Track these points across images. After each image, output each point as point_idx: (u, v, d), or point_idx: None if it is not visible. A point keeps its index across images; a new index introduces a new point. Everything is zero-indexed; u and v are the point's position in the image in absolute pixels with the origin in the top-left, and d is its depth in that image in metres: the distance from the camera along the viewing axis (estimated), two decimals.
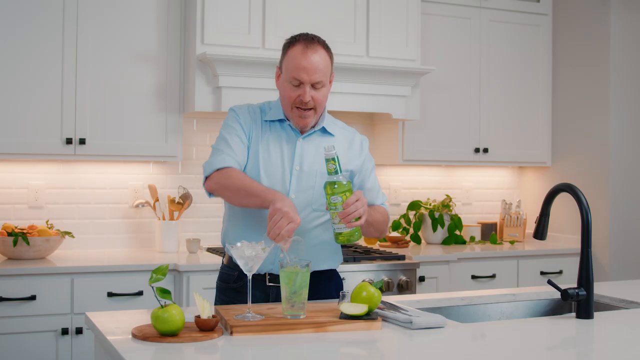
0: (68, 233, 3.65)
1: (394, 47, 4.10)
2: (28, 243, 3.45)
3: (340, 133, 2.56)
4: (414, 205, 4.58)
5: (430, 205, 4.60)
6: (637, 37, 4.45)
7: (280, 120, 2.50)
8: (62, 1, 3.63)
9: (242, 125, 2.48)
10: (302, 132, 2.49)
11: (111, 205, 4.02)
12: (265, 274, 2.47)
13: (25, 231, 3.49)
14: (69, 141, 3.62)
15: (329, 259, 2.55)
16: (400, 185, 4.69)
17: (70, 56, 3.64)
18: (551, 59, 4.78)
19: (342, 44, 3.97)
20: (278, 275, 2.35)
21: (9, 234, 3.47)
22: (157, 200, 3.95)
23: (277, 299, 2.44)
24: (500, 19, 4.63)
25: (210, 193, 2.45)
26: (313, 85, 2.39)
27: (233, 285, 2.53)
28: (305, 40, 2.40)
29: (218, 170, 2.39)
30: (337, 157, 2.23)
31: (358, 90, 4.01)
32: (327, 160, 2.23)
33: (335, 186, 2.22)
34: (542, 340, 2.05)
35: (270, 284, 2.45)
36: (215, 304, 2.57)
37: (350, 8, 4.00)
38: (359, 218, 2.23)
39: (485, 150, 4.56)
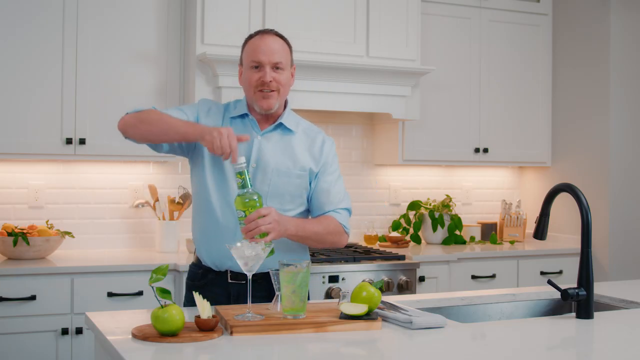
0: (68, 233, 3.65)
1: (394, 47, 4.10)
2: (28, 243, 3.45)
3: (302, 132, 2.55)
4: (414, 205, 4.58)
5: (430, 205, 4.60)
6: (637, 37, 4.45)
7: (242, 116, 2.52)
8: (62, 1, 3.63)
9: (199, 112, 2.50)
10: (263, 127, 2.49)
11: (111, 205, 4.02)
12: (226, 270, 2.48)
13: (25, 231, 3.49)
14: (69, 141, 3.62)
15: (294, 253, 2.48)
16: (400, 185, 4.69)
17: (70, 56, 3.65)
18: (551, 59, 4.78)
19: (342, 44, 3.97)
20: (240, 273, 2.42)
21: (9, 234, 3.47)
22: (157, 200, 3.95)
23: (238, 297, 2.45)
24: (500, 19, 4.63)
25: (124, 133, 2.47)
26: (273, 68, 2.44)
27: (197, 283, 2.53)
28: (261, 32, 2.51)
29: (141, 111, 2.44)
30: (246, 171, 2.23)
31: (358, 90, 4.01)
32: (235, 174, 2.24)
33: (246, 200, 2.22)
34: (542, 340, 2.05)
35: (231, 281, 2.47)
36: (184, 302, 2.58)
37: (350, 8, 4.00)
38: (266, 234, 2.23)
39: (485, 150, 4.56)
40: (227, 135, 2.23)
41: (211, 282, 2.50)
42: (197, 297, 1.98)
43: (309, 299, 2.38)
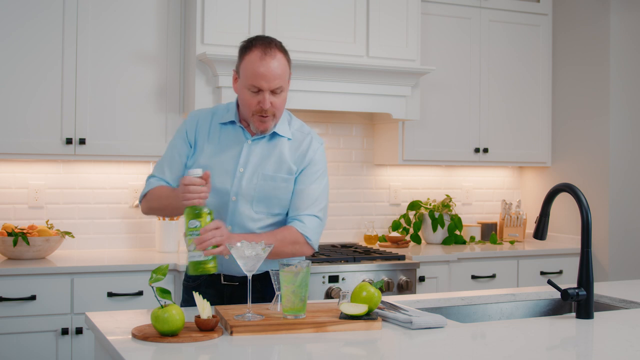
0: (68, 233, 3.65)
1: (394, 47, 4.10)
2: (28, 243, 3.45)
3: (292, 134, 2.53)
4: (414, 205, 4.58)
5: (430, 205, 4.60)
6: (637, 37, 4.45)
7: (232, 122, 2.51)
8: (62, 1, 3.63)
9: (187, 133, 2.54)
10: (252, 132, 2.49)
11: (111, 205, 4.02)
12: (219, 272, 2.49)
13: (25, 231, 3.49)
14: (69, 141, 3.62)
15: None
16: (400, 185, 4.69)
17: (70, 56, 3.65)
18: (551, 59, 4.78)
19: (342, 44, 3.97)
20: (233, 275, 2.46)
21: (9, 234, 3.47)
22: None
23: (231, 298, 2.46)
24: (500, 19, 4.63)
25: (147, 214, 2.63)
26: (272, 91, 2.39)
27: (192, 284, 2.55)
28: (262, 44, 2.39)
29: (145, 195, 2.54)
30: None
31: (358, 90, 4.01)
32: None
33: (196, 211, 2.21)
34: (542, 340, 2.05)
35: (225, 282, 2.48)
36: (181, 303, 2.60)
37: (350, 8, 4.00)
38: (217, 246, 2.23)
39: (485, 150, 4.56)
40: (186, 184, 2.25)
41: (205, 283, 2.52)
42: (197, 297, 1.98)
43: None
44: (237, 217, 2.46)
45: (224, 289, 2.50)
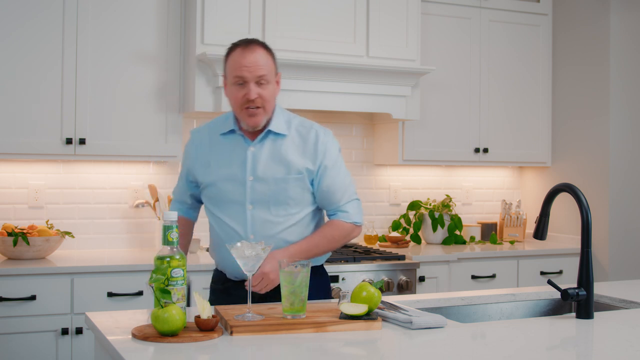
0: (68, 233, 3.65)
1: (394, 47, 4.10)
2: (28, 243, 3.44)
3: (294, 132, 2.51)
4: (414, 205, 4.58)
5: (430, 205, 4.60)
6: (637, 37, 4.45)
7: (231, 131, 2.52)
8: (62, 1, 3.63)
9: (188, 156, 2.61)
10: (253, 137, 2.49)
11: (111, 205, 4.02)
12: (242, 280, 2.50)
13: (25, 231, 3.49)
14: (69, 141, 3.62)
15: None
16: (400, 185, 4.69)
17: (70, 56, 3.65)
18: (551, 59, 4.78)
19: (342, 44, 3.97)
20: None
21: (9, 234, 3.47)
22: (157, 200, 3.95)
23: (259, 300, 2.45)
24: (500, 19, 4.63)
25: None
26: (257, 82, 2.40)
27: (221, 287, 2.57)
28: (243, 43, 2.46)
29: None
30: (175, 226, 2.03)
31: (358, 90, 4.01)
32: (166, 228, 2.04)
33: (167, 258, 2.00)
34: (542, 340, 2.05)
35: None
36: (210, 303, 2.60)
37: (350, 8, 4.00)
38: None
39: (485, 150, 4.56)
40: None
41: (234, 286, 2.53)
42: (197, 297, 1.98)
43: None
44: (257, 224, 2.46)
45: (254, 293, 2.45)
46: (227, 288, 2.55)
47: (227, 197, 2.47)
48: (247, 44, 2.45)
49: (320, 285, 2.57)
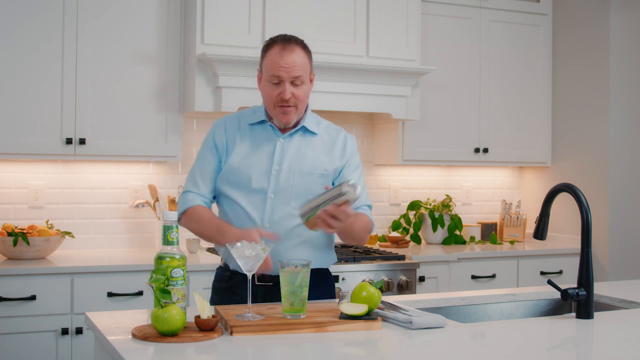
0: (68, 233, 3.65)
1: (394, 47, 4.10)
2: (28, 243, 3.44)
3: (323, 132, 2.58)
4: (414, 205, 4.58)
5: (430, 205, 4.60)
6: (637, 37, 4.45)
7: (262, 122, 2.54)
8: (62, 1, 3.63)
9: (216, 141, 2.55)
10: (284, 131, 2.52)
11: (111, 205, 4.02)
12: (253, 274, 2.48)
13: (25, 231, 3.49)
14: (69, 141, 3.62)
15: (317, 258, 2.52)
16: (400, 185, 4.69)
17: (70, 56, 3.65)
18: (551, 59, 4.78)
19: (342, 44, 3.98)
20: (268, 275, 2.42)
21: (9, 234, 3.47)
22: (157, 200, 3.95)
23: (265, 298, 2.47)
24: (500, 19, 4.63)
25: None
26: (293, 82, 2.43)
27: (225, 285, 2.56)
28: (282, 40, 2.46)
29: (186, 211, 2.52)
30: (175, 226, 2.04)
31: (358, 90, 4.01)
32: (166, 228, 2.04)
33: (167, 258, 2.00)
34: (542, 340, 2.05)
35: (259, 283, 2.47)
36: (210, 304, 2.58)
37: (350, 8, 4.00)
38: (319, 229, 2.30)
39: (485, 150, 4.56)
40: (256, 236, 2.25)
41: (237, 284, 2.52)
42: (197, 297, 1.98)
43: None
44: (276, 214, 2.47)
45: (258, 290, 2.48)
46: (231, 287, 2.54)
47: (249, 184, 2.48)
48: (286, 41, 2.45)
49: (326, 291, 2.56)
